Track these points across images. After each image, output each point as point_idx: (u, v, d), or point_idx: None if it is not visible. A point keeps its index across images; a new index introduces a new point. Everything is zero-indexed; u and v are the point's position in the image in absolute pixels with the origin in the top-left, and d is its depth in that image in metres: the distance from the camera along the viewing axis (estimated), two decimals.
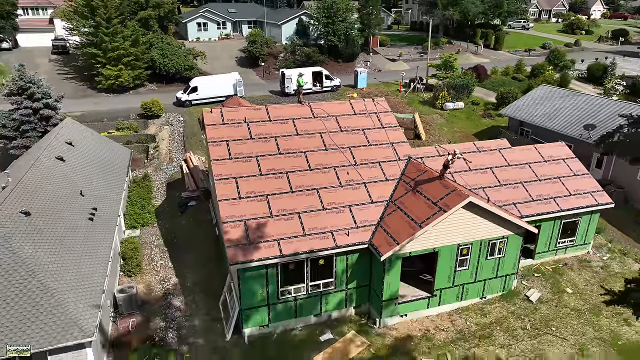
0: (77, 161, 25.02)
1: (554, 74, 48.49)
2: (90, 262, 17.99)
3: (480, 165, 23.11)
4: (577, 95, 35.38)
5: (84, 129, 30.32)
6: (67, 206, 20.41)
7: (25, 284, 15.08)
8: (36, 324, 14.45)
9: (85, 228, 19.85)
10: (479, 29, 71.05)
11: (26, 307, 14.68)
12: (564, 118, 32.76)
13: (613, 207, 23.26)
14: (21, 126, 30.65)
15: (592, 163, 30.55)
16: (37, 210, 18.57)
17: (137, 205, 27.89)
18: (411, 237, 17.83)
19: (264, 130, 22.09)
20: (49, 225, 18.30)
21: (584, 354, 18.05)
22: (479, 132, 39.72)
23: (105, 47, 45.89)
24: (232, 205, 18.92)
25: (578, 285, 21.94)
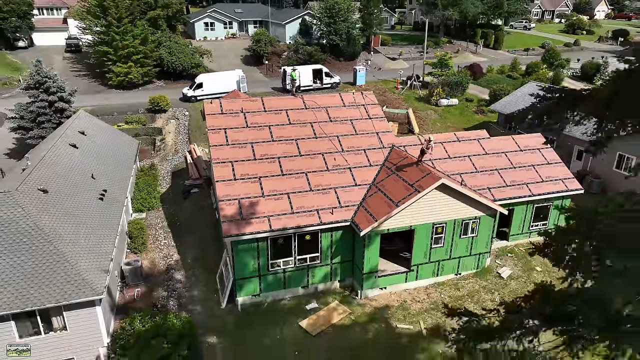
0: (88, 148, 27.22)
1: (547, 72, 49.97)
2: (100, 234, 20.10)
3: (460, 153, 24.90)
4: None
5: (95, 121, 32.58)
6: (79, 187, 22.57)
7: (44, 249, 17.19)
8: (53, 283, 16.55)
9: (95, 206, 22.00)
10: (479, 29, 72.55)
11: (44, 268, 16.78)
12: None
13: (591, 191, 24.95)
14: (37, 118, 32.97)
15: (573, 155, 32.17)
16: (53, 189, 20.73)
17: (144, 191, 30.04)
18: (388, 214, 19.71)
19: (259, 119, 24.09)
20: (64, 201, 20.45)
21: None
22: (470, 127, 41.38)
23: (116, 45, 48.20)
24: (227, 185, 20.94)
25: (547, 264, 23.66)
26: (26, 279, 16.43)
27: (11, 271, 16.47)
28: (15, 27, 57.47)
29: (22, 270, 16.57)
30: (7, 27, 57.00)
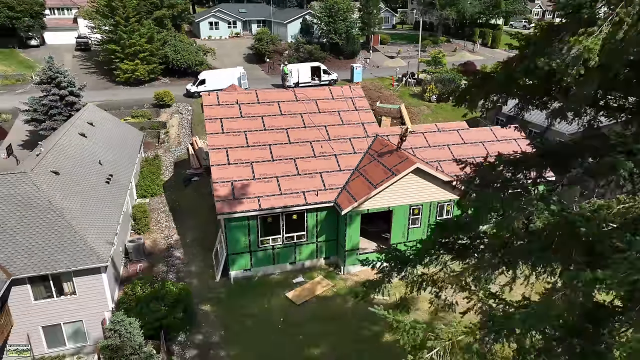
0: (96, 138, 29.35)
1: None
2: (105, 212, 22.19)
3: (439, 142, 26.70)
4: None
5: (103, 113, 34.77)
6: (87, 171, 24.69)
7: (55, 222, 19.27)
8: (64, 252, 18.62)
9: (102, 188, 24.09)
10: (477, 28, 74.04)
11: (56, 239, 18.85)
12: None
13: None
14: (49, 110, 35.18)
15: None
16: (64, 172, 22.84)
17: (148, 179, 32.15)
18: (367, 195, 21.59)
19: (252, 110, 26.08)
20: (73, 182, 22.56)
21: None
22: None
23: (123, 43, 50.40)
24: (221, 169, 22.95)
25: None
26: (40, 248, 18.51)
27: (27, 240, 18.57)
28: (27, 27, 59.89)
29: (36, 239, 18.65)
30: (20, 26, 59.45)
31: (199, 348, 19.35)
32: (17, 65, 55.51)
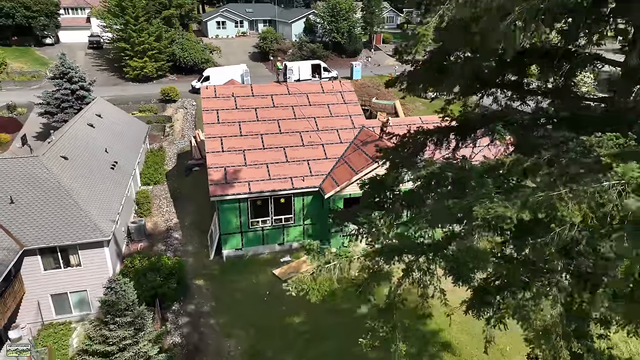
0: (103, 128, 31.50)
1: None
2: (109, 194, 24.25)
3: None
4: None
5: (111, 106, 36.98)
6: (94, 157, 26.80)
7: (63, 201, 21.34)
8: (70, 227, 20.68)
9: (107, 173, 26.18)
10: None
11: (64, 215, 20.92)
12: None
13: None
14: (61, 104, 37.49)
15: None
16: (72, 157, 24.96)
17: (152, 168, 34.26)
18: (349, 181, 23.34)
19: (247, 102, 27.97)
20: (81, 167, 24.68)
21: None
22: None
23: (132, 42, 52.74)
24: (216, 156, 24.87)
25: None
26: (49, 222, 20.60)
27: (38, 216, 20.66)
28: (43, 26, 62.64)
29: (46, 215, 20.74)
30: (36, 25, 62.21)
31: (190, 316, 21.30)
32: (33, 62, 58.16)
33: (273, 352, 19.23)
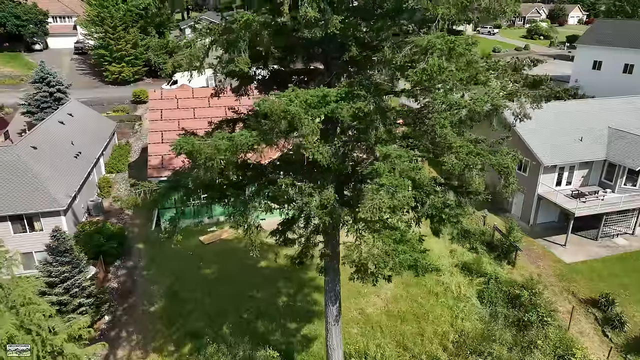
0: (73, 125, 37.52)
1: None
2: (70, 176, 30.27)
3: None
4: None
5: (83, 107, 43.01)
6: (61, 148, 32.81)
7: (30, 181, 27.34)
8: (35, 199, 26.67)
9: (71, 161, 32.21)
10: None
11: (30, 191, 26.92)
12: None
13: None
14: (41, 105, 43.49)
15: None
16: (41, 147, 30.95)
17: (116, 159, 40.28)
18: None
19: (187, 103, 34.04)
20: (48, 156, 30.69)
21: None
22: None
23: (111, 49, 58.84)
24: (156, 146, 30.91)
25: None
26: (18, 196, 26.61)
27: (9, 192, 26.68)
28: (32, 33, 68.79)
29: (16, 192, 26.76)
30: (25, 32, 68.36)
31: (128, 269, 27.35)
32: (22, 67, 64.29)
33: (186, 292, 25.23)
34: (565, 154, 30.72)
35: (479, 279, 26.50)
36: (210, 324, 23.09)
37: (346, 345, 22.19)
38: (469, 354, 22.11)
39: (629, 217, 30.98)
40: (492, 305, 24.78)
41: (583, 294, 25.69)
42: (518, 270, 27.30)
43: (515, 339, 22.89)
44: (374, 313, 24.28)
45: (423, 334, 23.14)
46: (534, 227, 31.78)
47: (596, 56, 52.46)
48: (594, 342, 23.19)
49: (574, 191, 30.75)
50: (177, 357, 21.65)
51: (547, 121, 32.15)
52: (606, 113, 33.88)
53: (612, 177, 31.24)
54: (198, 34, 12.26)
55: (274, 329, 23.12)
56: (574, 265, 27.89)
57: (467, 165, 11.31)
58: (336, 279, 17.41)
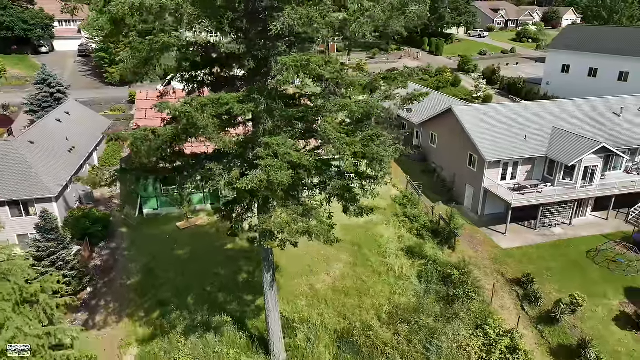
0: (69, 123, 41.34)
1: (450, 75, 61.65)
2: (63, 168, 34.00)
3: None
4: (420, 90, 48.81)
5: (80, 106, 46.87)
6: (56, 143, 36.58)
7: (26, 171, 31.09)
8: (29, 187, 30.39)
9: (65, 155, 35.97)
10: (426, 38, 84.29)
11: (25, 180, 30.66)
12: None
13: (415, 160, 38.13)
14: (42, 104, 47.45)
15: (414, 135, 44.41)
16: (38, 142, 34.73)
17: (109, 155, 44.04)
18: None
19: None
20: (43, 149, 34.46)
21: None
22: None
23: (110, 52, 62.77)
24: None
25: None
26: (15, 185, 30.38)
27: (7, 180, 30.44)
28: (39, 37, 73.07)
29: (14, 180, 30.53)
30: (33, 36, 72.65)
31: (110, 250, 30.99)
32: (28, 68, 68.50)
33: (160, 270, 28.75)
34: (508, 150, 33.77)
35: (420, 261, 29.70)
36: (177, 296, 26.59)
37: (293, 313, 25.63)
38: (399, 323, 25.36)
39: (566, 208, 33.96)
40: (427, 284, 27.98)
41: (511, 274, 28.77)
42: (457, 254, 30.45)
43: (442, 311, 26.09)
44: (322, 288, 27.61)
45: (362, 306, 26.43)
46: (481, 217, 34.87)
47: (565, 60, 55.28)
48: (512, 314, 26.29)
49: (516, 185, 33.81)
50: (146, 321, 25.18)
51: (495, 121, 35.33)
52: (555, 114, 36.83)
53: (553, 172, 34.23)
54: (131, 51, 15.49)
55: (232, 300, 26.56)
56: (509, 251, 30.97)
57: (340, 153, 14.65)
58: (269, 250, 20.82)
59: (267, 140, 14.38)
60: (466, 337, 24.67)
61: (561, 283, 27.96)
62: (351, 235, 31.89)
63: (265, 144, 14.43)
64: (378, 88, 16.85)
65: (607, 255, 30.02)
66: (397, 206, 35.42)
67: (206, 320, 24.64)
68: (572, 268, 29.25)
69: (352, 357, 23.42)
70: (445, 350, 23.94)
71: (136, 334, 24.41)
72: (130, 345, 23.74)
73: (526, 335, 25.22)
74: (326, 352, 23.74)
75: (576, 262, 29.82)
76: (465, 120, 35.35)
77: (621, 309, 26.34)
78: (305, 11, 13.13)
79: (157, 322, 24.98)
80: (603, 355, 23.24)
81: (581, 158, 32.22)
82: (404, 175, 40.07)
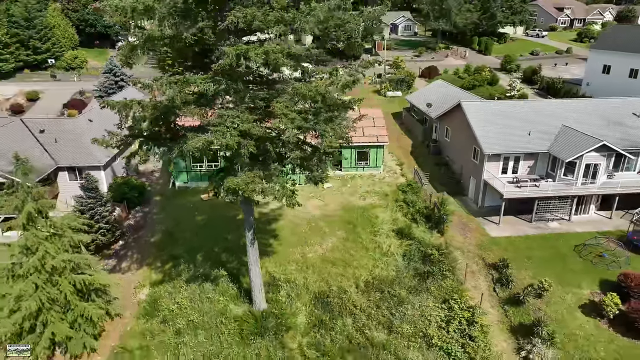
0: None
1: (489, 74, 61.90)
2: None
3: None
4: (446, 87, 50.21)
5: (136, 92, 53.66)
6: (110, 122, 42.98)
7: (83, 144, 37.38)
8: (84, 157, 36.61)
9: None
10: (476, 37, 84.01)
11: (81, 151, 36.92)
12: (427, 99, 48.36)
13: (430, 153, 40.79)
14: (108, 90, 54.93)
15: (433, 129, 46.28)
16: (95, 121, 41.17)
17: None
18: None
19: None
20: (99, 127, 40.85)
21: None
22: (396, 112, 56.00)
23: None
24: None
25: (357, 184, 39.28)
26: (73, 155, 36.70)
27: (67, 151, 36.87)
28: (117, 32, 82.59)
29: (72, 151, 36.89)
30: (111, 32, 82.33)
31: (144, 213, 36.51)
32: (105, 61, 77.81)
33: (179, 231, 33.69)
34: (509, 145, 35.01)
35: (408, 242, 32.14)
36: (189, 252, 31.28)
37: (281, 275, 29.34)
38: (374, 291, 28.20)
39: (565, 204, 34.59)
40: (409, 261, 30.45)
41: (491, 259, 30.39)
42: (445, 238, 32.49)
43: (416, 286, 28.53)
44: (312, 257, 31.06)
45: (344, 275, 29.55)
46: (481, 208, 36.38)
47: (606, 60, 53.92)
48: (483, 293, 28.11)
49: (514, 178, 34.99)
50: (160, 270, 30.10)
51: (501, 117, 36.62)
52: (568, 113, 37.27)
53: (555, 169, 34.96)
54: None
55: (233, 259, 30.80)
56: (496, 239, 32.46)
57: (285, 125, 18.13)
58: (250, 213, 24.68)
59: (221, 112, 18.21)
60: (431, 308, 27.00)
61: (537, 270, 29.21)
62: (349, 215, 35.04)
63: (219, 115, 18.27)
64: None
65: (593, 250, 30.64)
66: (399, 193, 37.88)
67: (207, 272, 29.06)
68: (554, 259, 30.28)
69: (324, 313, 26.68)
70: (409, 316, 26.48)
71: (150, 278, 29.38)
72: (144, 287, 28.73)
73: (492, 313, 27.05)
74: (303, 307, 27.23)
75: (561, 254, 30.76)
76: (470, 115, 37.00)
77: (591, 298, 27.23)
78: (250, 10, 16.78)
79: (167, 271, 29.81)
80: (558, 336, 24.60)
81: (579, 155, 32.85)
82: (417, 166, 42.26)
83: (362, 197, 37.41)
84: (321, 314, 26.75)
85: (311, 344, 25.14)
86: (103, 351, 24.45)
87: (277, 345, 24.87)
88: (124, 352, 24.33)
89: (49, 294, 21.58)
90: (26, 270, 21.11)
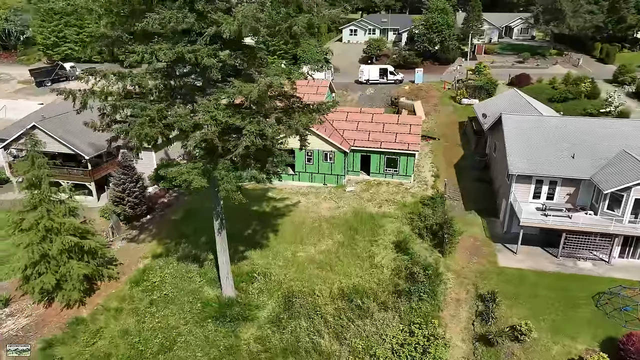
0: None
1: (589, 86, 53.82)
2: None
3: (354, 120, 40.75)
4: (519, 97, 45.01)
5: None
6: None
7: None
8: None
9: None
10: (599, 43, 73.26)
11: None
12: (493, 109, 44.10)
13: (474, 168, 39.29)
14: None
15: (486, 140, 42.41)
16: None
17: None
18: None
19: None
20: None
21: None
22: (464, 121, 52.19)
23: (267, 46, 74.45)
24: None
25: (380, 191, 38.02)
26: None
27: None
28: None
29: None
30: None
31: (177, 194, 40.27)
32: None
33: (198, 215, 36.46)
34: (544, 167, 30.71)
35: (404, 257, 30.41)
36: (196, 233, 33.91)
37: (262, 268, 30.26)
38: (342, 298, 27.52)
39: (604, 243, 29.23)
40: (395, 276, 28.90)
41: (485, 290, 27.22)
42: (445, 259, 29.99)
43: (387, 303, 27.06)
44: (302, 257, 31.30)
45: (324, 279, 29.29)
46: (507, 234, 32.57)
47: None
48: (459, 325, 25.50)
49: (543, 205, 30.60)
50: (165, 244, 33.21)
51: (543, 135, 32.35)
52: (630, 136, 31.42)
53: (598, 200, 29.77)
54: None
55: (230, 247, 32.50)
56: (504, 269, 28.91)
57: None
58: (218, 202, 26.05)
59: (200, 102, 20.19)
60: (392, 328, 25.43)
61: (533, 312, 25.46)
62: (356, 220, 34.27)
63: (199, 104, 20.32)
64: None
65: (616, 301, 25.57)
66: (419, 205, 35.76)
67: (197, 254, 31.31)
68: (561, 303, 26.02)
69: (284, 312, 26.95)
70: (365, 332, 25.36)
71: (154, 252, 32.65)
72: (146, 258, 32.09)
73: (460, 347, 24.55)
74: (269, 302, 27.84)
75: (572, 298, 26.28)
76: (507, 129, 33.33)
77: (583, 355, 22.90)
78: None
79: (169, 246, 32.78)
80: None
81: (625, 186, 27.56)
82: (451, 180, 39.32)
83: (379, 205, 36.18)
84: (281, 311, 27.07)
85: (259, 338, 25.69)
86: (90, 307, 28.18)
87: (228, 332, 25.96)
88: (102, 310, 27.73)
89: (42, 249, 25.71)
90: (27, 225, 25.44)
